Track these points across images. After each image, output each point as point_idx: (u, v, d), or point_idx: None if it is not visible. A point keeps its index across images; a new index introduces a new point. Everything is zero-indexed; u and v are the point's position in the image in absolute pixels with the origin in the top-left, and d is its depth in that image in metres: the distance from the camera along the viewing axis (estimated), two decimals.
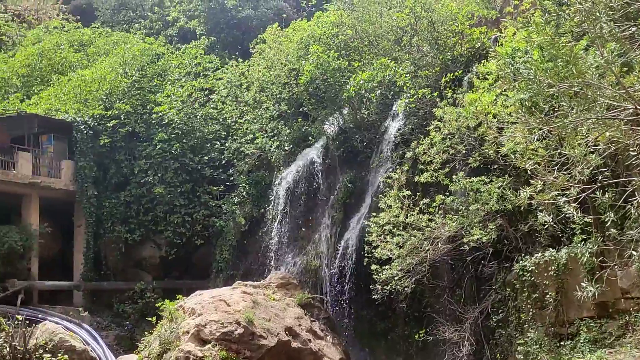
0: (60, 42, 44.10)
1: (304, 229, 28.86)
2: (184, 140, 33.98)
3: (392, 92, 28.12)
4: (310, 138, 30.17)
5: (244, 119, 33.74)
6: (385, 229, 21.97)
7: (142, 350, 24.03)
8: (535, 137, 13.73)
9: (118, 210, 33.64)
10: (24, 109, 36.11)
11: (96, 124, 34.17)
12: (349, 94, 27.71)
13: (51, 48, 42.87)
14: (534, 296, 18.48)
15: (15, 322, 25.59)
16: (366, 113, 28.75)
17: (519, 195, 13.91)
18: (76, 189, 33.46)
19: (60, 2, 56.36)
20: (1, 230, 30.60)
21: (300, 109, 31.34)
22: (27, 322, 26.33)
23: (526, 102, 12.88)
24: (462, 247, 20.56)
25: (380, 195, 23.67)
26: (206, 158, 34.00)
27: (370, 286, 22.95)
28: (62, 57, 42.51)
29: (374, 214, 23.29)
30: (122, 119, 34.24)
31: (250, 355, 21.93)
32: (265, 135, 31.77)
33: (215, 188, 33.36)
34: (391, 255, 21.54)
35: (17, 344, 24.73)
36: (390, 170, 25.30)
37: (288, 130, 30.81)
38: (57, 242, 34.61)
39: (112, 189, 34.15)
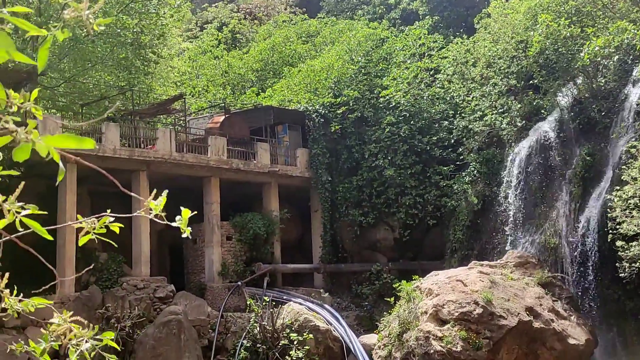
0: (289, 35, 46.04)
1: (540, 206, 27.85)
2: (412, 121, 34.03)
3: (631, 57, 26.28)
4: (542, 111, 29.00)
5: (471, 96, 33.12)
6: (630, 203, 20.66)
7: (382, 330, 24.55)
8: None
9: (351, 195, 34.43)
10: (260, 102, 38.14)
11: (326, 111, 35.22)
12: (583, 63, 26.27)
13: (281, 42, 44.92)
14: None
15: (263, 304, 27.18)
16: (603, 81, 27.10)
17: None
18: (311, 175, 34.76)
19: None
20: (246, 217, 32.55)
21: (530, 82, 30.19)
22: (274, 303, 27.87)
23: None
24: None
25: (623, 167, 22.26)
26: (435, 138, 33.79)
27: (617, 264, 21.69)
28: (292, 50, 44.36)
29: (617, 187, 21.97)
30: (351, 105, 34.99)
31: (490, 335, 21.61)
32: (494, 111, 30.99)
33: (445, 168, 33.08)
34: (638, 231, 20.20)
35: (265, 323, 26.28)
36: (633, 140, 23.73)
37: (519, 105, 29.82)
38: (296, 226, 36.23)
39: (344, 174, 35.02)
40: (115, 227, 3.07)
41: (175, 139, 30.92)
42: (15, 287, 3.32)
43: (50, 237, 2.92)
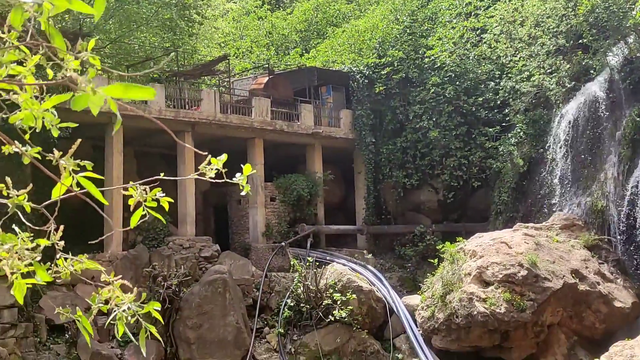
0: None
1: (587, 168, 27.42)
2: (457, 82, 33.60)
3: None
4: (591, 72, 28.37)
5: (518, 56, 32.50)
6: None
7: (425, 291, 24.62)
8: None
9: (395, 156, 34.27)
10: (304, 63, 38.02)
11: (371, 72, 34.95)
12: (634, 21, 25.60)
13: (325, 2, 44.61)
14: None
15: (307, 264, 27.39)
16: None
17: None
18: (355, 136, 34.66)
19: None
20: (290, 178, 32.69)
21: (580, 41, 29.49)
22: (317, 263, 28.07)
23: None
24: None
25: None
26: (480, 99, 33.34)
27: None
28: (336, 10, 44.04)
29: None
30: (395, 65, 34.65)
31: (534, 297, 21.52)
32: (542, 71, 30.42)
33: (490, 129, 32.65)
34: None
35: (309, 283, 26.51)
36: None
37: (567, 65, 29.20)
38: (339, 188, 36.30)
39: (388, 136, 34.83)
40: (165, 203, 3.13)
41: (219, 100, 31.03)
42: (66, 246, 3.41)
43: (105, 202, 3.04)
